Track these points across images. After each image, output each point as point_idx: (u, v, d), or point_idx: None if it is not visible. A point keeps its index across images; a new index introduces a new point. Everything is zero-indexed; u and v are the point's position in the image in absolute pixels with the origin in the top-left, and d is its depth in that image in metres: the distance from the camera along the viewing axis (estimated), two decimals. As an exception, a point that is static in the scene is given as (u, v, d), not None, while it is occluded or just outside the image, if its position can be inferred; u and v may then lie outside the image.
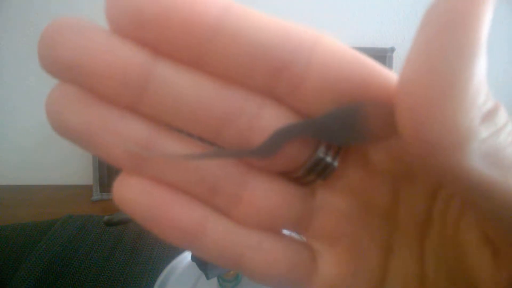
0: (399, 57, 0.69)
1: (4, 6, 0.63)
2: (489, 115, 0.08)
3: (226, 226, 0.11)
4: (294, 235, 0.12)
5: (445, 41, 0.07)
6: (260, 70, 0.09)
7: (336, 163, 0.11)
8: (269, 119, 0.10)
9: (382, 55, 0.67)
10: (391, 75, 0.10)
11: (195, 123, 0.10)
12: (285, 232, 0.12)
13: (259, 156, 0.10)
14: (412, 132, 0.08)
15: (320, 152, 0.11)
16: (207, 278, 0.36)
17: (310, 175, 0.11)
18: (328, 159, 0.11)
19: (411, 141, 0.08)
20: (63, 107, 0.10)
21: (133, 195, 0.10)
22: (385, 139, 0.10)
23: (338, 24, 0.70)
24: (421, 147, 0.08)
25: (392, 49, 0.68)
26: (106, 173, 0.66)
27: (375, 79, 0.09)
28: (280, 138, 0.10)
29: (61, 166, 0.72)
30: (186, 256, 0.43)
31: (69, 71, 0.09)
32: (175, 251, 0.44)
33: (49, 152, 0.71)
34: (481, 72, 0.07)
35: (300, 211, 0.12)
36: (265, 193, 0.11)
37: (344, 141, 0.10)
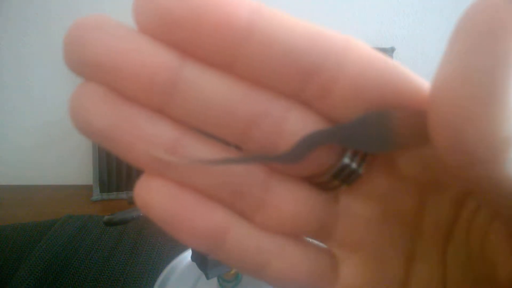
0: (399, 57, 0.69)
1: (4, 6, 0.63)
2: None
3: (249, 231, 0.11)
4: (314, 241, 0.12)
5: (486, 47, 0.07)
6: (291, 74, 0.09)
7: (361, 170, 0.11)
8: (296, 123, 0.10)
9: (382, 55, 0.67)
10: (422, 82, 0.09)
11: (222, 125, 0.10)
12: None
13: (286, 161, 0.10)
14: (447, 142, 0.08)
15: (346, 158, 0.10)
16: (207, 278, 0.36)
17: (335, 180, 0.11)
18: (354, 165, 0.10)
19: (445, 151, 0.08)
20: (88, 105, 0.09)
21: (156, 197, 0.10)
22: (414, 147, 0.10)
23: (338, 24, 0.70)
24: (456, 157, 0.08)
25: (392, 49, 0.68)
26: (106, 173, 0.66)
27: (407, 86, 0.09)
28: (307, 145, 0.10)
29: (61, 166, 0.72)
30: (186, 256, 0.43)
31: (95, 70, 0.09)
32: (175, 251, 0.44)
33: (49, 152, 0.71)
34: None
35: (323, 217, 0.11)
36: (290, 198, 0.11)
37: (372, 148, 0.10)
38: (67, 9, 0.64)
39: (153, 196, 0.10)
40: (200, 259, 0.36)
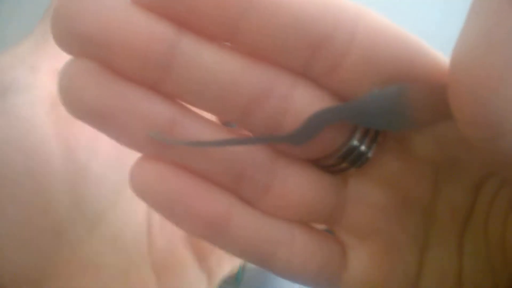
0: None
1: (4, 6, 0.63)
2: None
3: (254, 218, 0.10)
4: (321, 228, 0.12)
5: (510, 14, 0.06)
6: (297, 46, 0.09)
7: (372, 151, 0.10)
8: (302, 100, 0.09)
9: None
10: (438, 54, 0.09)
11: (222, 103, 0.09)
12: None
13: (293, 142, 0.09)
14: (471, 116, 0.07)
15: (355, 139, 0.10)
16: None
17: (343, 163, 0.10)
18: (364, 146, 0.10)
19: (469, 124, 0.07)
20: (78, 83, 0.09)
21: (153, 181, 0.09)
22: (431, 124, 0.09)
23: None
24: (481, 129, 0.07)
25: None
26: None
27: (422, 58, 0.09)
28: (315, 124, 0.09)
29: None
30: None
31: (86, 44, 0.08)
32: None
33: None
34: None
35: (332, 202, 0.11)
36: (296, 182, 0.10)
37: (385, 126, 0.09)
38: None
39: (149, 180, 0.09)
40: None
